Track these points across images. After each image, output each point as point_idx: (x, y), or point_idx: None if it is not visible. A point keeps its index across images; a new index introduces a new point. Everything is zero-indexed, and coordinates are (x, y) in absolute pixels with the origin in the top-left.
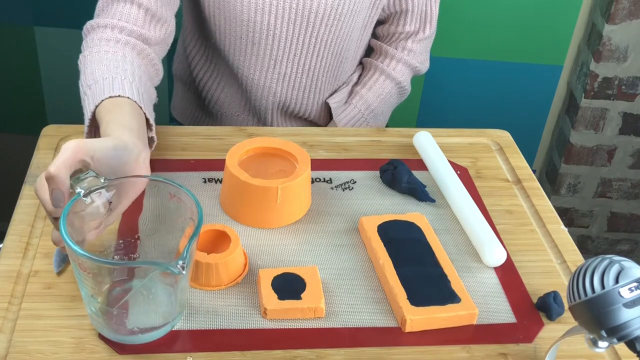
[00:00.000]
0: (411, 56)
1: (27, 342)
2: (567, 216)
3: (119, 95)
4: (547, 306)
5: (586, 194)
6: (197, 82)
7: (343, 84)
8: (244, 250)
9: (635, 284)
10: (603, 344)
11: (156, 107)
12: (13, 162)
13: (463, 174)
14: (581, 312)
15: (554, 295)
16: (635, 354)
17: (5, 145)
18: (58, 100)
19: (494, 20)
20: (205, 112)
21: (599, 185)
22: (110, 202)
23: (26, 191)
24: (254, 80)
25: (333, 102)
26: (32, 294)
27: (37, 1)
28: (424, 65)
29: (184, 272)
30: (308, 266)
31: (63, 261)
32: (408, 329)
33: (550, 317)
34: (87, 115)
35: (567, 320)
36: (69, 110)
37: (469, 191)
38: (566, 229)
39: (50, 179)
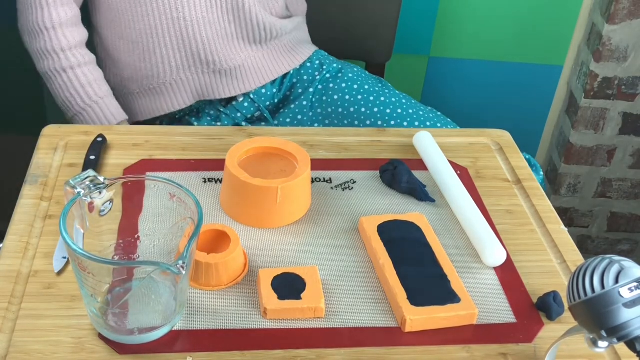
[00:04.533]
0: None
1: (27, 342)
2: (567, 216)
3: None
4: (547, 306)
5: (586, 194)
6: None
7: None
8: (244, 250)
9: (635, 284)
10: (603, 344)
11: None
12: (13, 162)
13: (463, 174)
14: (581, 312)
15: (554, 295)
16: (635, 354)
17: (5, 146)
18: None
19: (494, 20)
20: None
21: (599, 185)
22: (111, 202)
23: (26, 191)
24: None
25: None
26: (32, 294)
27: None
28: None
29: (184, 272)
30: (308, 266)
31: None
32: (408, 329)
33: (550, 317)
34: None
35: (567, 320)
36: None
37: (469, 191)
38: (566, 229)
39: None
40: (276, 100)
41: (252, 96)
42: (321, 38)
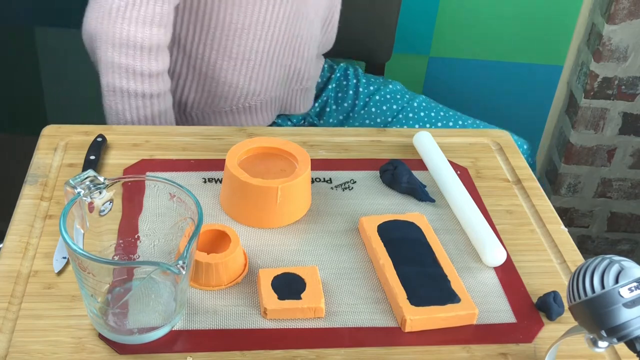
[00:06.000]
0: None
1: (27, 342)
2: (567, 216)
3: None
4: (547, 306)
5: (586, 194)
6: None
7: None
8: (244, 250)
9: (635, 283)
10: (603, 343)
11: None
12: (13, 162)
13: (463, 174)
14: (581, 312)
15: (554, 295)
16: (635, 354)
17: (5, 145)
18: (58, 100)
19: (494, 20)
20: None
21: (599, 185)
22: (111, 202)
23: (26, 191)
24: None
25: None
26: (32, 294)
27: (37, 1)
28: None
29: (184, 272)
30: (308, 266)
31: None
32: (408, 329)
33: (550, 317)
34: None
35: (567, 320)
36: (69, 110)
37: (469, 191)
38: (566, 229)
39: None
40: (315, 104)
41: None
42: None
